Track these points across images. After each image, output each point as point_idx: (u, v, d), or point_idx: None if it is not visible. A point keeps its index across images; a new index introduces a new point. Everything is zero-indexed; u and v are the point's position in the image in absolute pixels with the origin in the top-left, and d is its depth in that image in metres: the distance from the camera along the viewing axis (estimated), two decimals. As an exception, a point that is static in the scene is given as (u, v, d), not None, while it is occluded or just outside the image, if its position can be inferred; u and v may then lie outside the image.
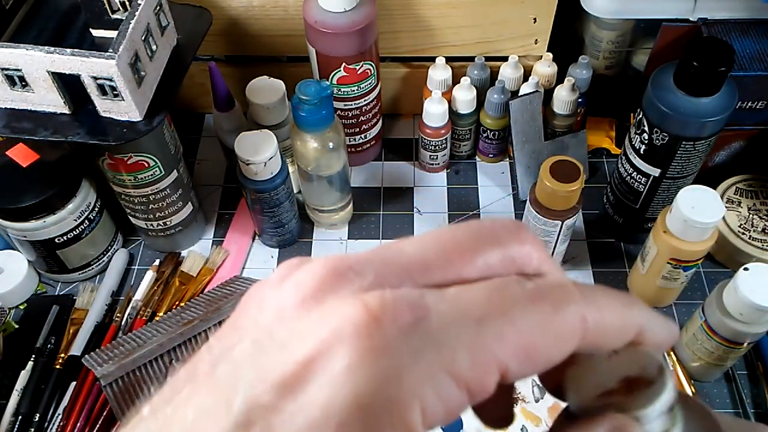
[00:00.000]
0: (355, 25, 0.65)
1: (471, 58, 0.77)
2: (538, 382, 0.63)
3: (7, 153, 0.65)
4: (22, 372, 0.64)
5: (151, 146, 0.62)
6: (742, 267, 0.55)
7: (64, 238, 0.67)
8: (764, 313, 0.54)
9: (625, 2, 0.67)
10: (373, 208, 0.78)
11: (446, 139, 0.76)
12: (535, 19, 0.74)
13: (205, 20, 0.64)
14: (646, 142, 0.62)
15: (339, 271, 0.21)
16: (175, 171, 0.66)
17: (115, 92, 0.54)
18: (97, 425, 0.61)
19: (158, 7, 0.58)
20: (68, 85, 0.55)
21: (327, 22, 0.65)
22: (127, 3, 0.58)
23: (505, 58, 0.76)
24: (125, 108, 0.55)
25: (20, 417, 0.62)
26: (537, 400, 0.62)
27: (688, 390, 0.62)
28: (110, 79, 0.53)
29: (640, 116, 0.62)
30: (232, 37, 0.77)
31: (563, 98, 0.72)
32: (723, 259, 0.72)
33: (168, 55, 0.61)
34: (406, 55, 0.79)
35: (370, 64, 0.70)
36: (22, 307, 0.71)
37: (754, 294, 0.54)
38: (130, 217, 0.70)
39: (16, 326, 0.69)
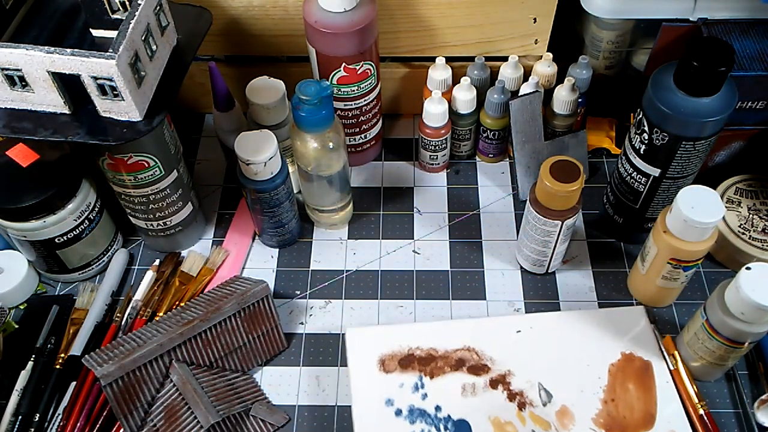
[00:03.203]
0: (355, 25, 0.65)
1: (471, 58, 0.77)
2: (545, 387, 0.63)
3: (7, 153, 0.65)
4: (22, 372, 0.64)
5: (151, 146, 0.62)
6: (744, 266, 0.55)
7: (64, 238, 0.67)
8: (766, 313, 0.54)
9: (625, 2, 0.67)
10: (373, 208, 0.78)
11: (446, 139, 0.77)
12: (535, 19, 0.74)
13: (205, 20, 0.64)
14: (646, 142, 0.62)
15: None
16: (175, 171, 0.66)
17: (115, 92, 0.54)
18: (97, 425, 0.61)
19: (158, 7, 0.58)
20: (68, 85, 0.55)
21: (327, 22, 0.65)
22: (127, 3, 0.59)
23: (505, 58, 0.76)
24: (125, 108, 0.55)
25: (20, 417, 0.62)
26: (545, 404, 0.62)
27: (691, 390, 0.62)
28: (110, 79, 0.53)
29: (640, 116, 0.62)
30: (232, 37, 0.77)
31: (563, 98, 0.73)
32: (723, 259, 0.72)
33: (168, 55, 0.61)
34: (406, 55, 0.79)
35: (370, 64, 0.70)
36: (22, 307, 0.71)
37: (755, 293, 0.53)
38: (130, 217, 0.70)
39: (16, 326, 0.69)
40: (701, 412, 0.61)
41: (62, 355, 0.65)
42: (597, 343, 0.65)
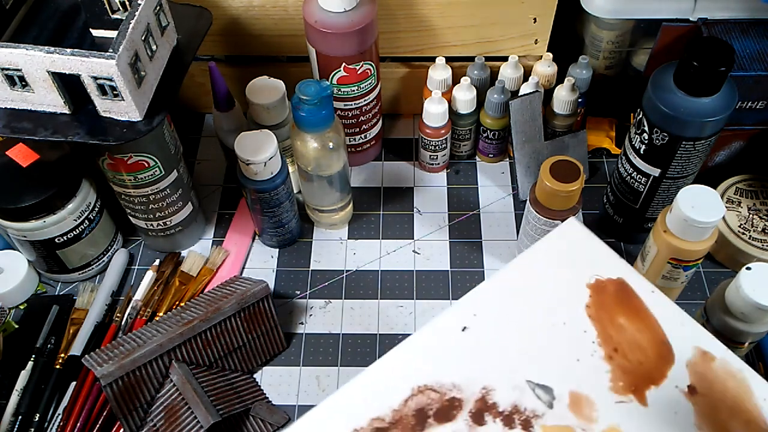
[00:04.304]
0: (355, 25, 0.65)
1: (471, 58, 0.77)
2: (537, 381, 0.46)
3: (7, 153, 0.65)
4: (22, 372, 0.64)
5: (151, 146, 0.62)
6: (745, 266, 0.55)
7: (64, 238, 0.67)
8: (766, 313, 0.54)
9: (625, 2, 0.67)
10: (373, 208, 0.78)
11: (446, 139, 0.77)
12: (535, 19, 0.74)
13: (205, 20, 0.64)
14: (646, 142, 0.62)
15: None
16: (175, 171, 0.66)
17: (115, 92, 0.54)
18: (97, 425, 0.61)
19: (158, 7, 0.58)
20: (68, 85, 0.55)
21: (327, 22, 0.65)
22: (127, 3, 0.59)
23: (505, 58, 0.76)
24: (125, 108, 0.55)
25: (20, 417, 0.62)
26: (550, 405, 0.44)
27: None
28: (110, 79, 0.53)
29: (640, 116, 0.62)
30: (232, 37, 0.77)
31: (563, 98, 0.73)
32: (723, 259, 0.72)
33: (168, 55, 0.61)
34: (406, 55, 0.79)
35: (370, 64, 0.70)
36: (22, 307, 0.71)
37: (756, 293, 0.53)
38: (130, 217, 0.70)
39: (16, 326, 0.69)
40: None
41: (62, 355, 0.65)
42: (556, 291, 0.48)
